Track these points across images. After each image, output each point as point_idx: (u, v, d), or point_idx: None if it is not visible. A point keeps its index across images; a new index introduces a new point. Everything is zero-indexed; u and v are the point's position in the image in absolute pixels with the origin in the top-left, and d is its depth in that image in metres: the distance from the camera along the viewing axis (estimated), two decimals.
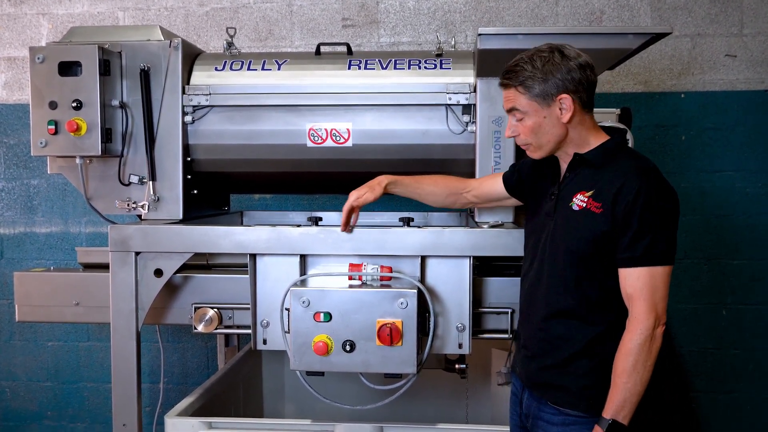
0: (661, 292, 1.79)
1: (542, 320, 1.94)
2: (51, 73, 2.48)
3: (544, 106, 1.87)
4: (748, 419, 3.70)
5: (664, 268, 1.79)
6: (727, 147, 3.61)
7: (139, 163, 2.62)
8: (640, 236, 1.77)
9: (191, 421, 2.40)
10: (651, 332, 1.77)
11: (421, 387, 3.35)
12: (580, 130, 1.90)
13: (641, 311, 1.78)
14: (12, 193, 3.97)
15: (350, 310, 2.19)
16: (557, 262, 1.91)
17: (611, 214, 1.79)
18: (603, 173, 1.87)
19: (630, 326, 1.79)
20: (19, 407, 4.05)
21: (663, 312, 1.80)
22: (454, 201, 2.38)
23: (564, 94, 1.84)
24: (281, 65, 2.70)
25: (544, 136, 1.91)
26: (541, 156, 1.97)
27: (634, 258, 1.78)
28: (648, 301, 1.77)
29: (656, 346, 1.78)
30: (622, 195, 1.78)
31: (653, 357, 1.78)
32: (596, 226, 1.82)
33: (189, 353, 3.98)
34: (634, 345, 1.77)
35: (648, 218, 1.76)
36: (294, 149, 2.66)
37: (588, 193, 1.86)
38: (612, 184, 1.81)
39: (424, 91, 2.59)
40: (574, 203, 1.89)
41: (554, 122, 1.88)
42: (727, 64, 3.61)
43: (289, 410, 3.57)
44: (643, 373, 1.77)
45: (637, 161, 1.86)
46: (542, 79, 1.85)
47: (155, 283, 2.44)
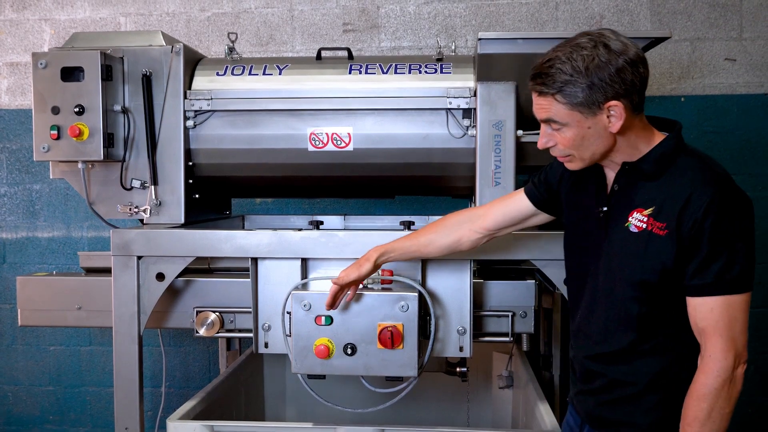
0: (740, 324, 1.51)
1: (598, 356, 1.72)
2: (53, 78, 2.50)
3: (588, 115, 1.55)
4: (750, 423, 3.70)
5: (743, 296, 1.52)
6: (727, 150, 3.62)
7: (141, 167, 2.64)
8: (712, 259, 1.50)
9: (193, 425, 2.40)
10: (730, 374, 1.50)
11: (423, 390, 3.35)
12: (630, 135, 1.60)
13: (718, 349, 1.50)
14: (14, 198, 3.98)
15: (351, 314, 2.19)
16: (615, 294, 1.65)
17: (677, 234, 1.52)
18: (662, 184, 1.58)
19: (704, 367, 1.52)
20: (21, 412, 4.05)
21: (744, 348, 1.53)
22: (457, 239, 2.03)
23: (614, 101, 1.53)
24: (282, 70, 2.72)
25: (588, 148, 1.61)
26: (581, 167, 1.68)
27: (706, 285, 1.51)
28: (725, 336, 1.50)
29: (736, 390, 1.52)
30: (688, 211, 1.51)
31: (732, 403, 1.52)
32: (662, 251, 1.54)
33: (191, 357, 3.99)
34: (710, 390, 1.50)
35: (721, 238, 1.49)
36: (295, 153, 2.67)
37: (647, 211, 1.59)
38: (675, 199, 1.53)
39: (425, 95, 2.61)
40: (631, 223, 1.61)
41: (600, 132, 1.58)
42: (727, 68, 3.62)
43: (290, 414, 3.57)
44: (720, 422, 1.51)
45: (703, 167, 1.56)
46: (586, 85, 1.52)
47: (157, 287, 2.45)
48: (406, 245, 2.08)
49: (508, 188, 2.52)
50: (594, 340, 1.73)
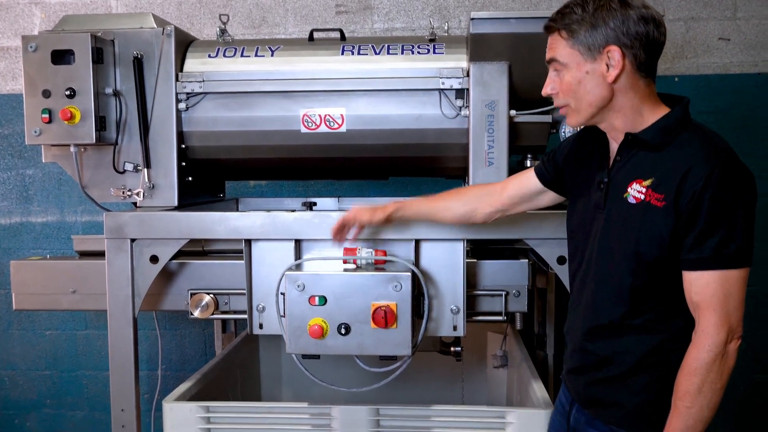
0: (735, 299, 1.50)
1: (589, 332, 1.71)
2: (44, 61, 2.48)
3: (588, 58, 1.57)
4: (741, 400, 3.73)
5: (740, 271, 1.50)
6: (721, 130, 3.49)
7: (134, 150, 2.63)
8: (710, 233, 1.48)
9: (189, 406, 2.41)
10: (722, 348, 1.49)
11: (417, 370, 3.37)
12: (632, 97, 1.59)
13: (711, 323, 1.49)
14: (7, 183, 3.97)
15: (345, 294, 2.21)
16: (610, 267, 1.65)
17: (675, 207, 1.50)
18: (663, 156, 1.56)
19: (697, 341, 1.51)
20: (18, 396, 4.07)
21: (738, 323, 1.51)
22: (472, 210, 2.09)
23: (613, 47, 1.54)
24: (274, 51, 2.70)
25: (584, 96, 1.61)
26: (578, 122, 1.68)
27: (703, 260, 1.50)
28: (719, 311, 1.49)
29: (729, 365, 1.51)
30: (687, 183, 1.48)
31: (725, 378, 1.51)
32: (659, 223, 1.53)
33: (186, 340, 4.00)
34: (702, 363, 1.49)
35: (719, 211, 1.47)
36: (288, 135, 2.67)
37: (646, 182, 1.56)
38: (675, 171, 1.51)
39: (418, 76, 2.60)
40: (629, 194, 1.59)
41: (598, 81, 1.58)
42: (721, 48, 3.62)
43: (286, 395, 3.60)
44: (711, 397, 1.50)
45: (706, 141, 1.54)
46: (591, 26, 1.55)
47: (151, 269, 2.45)
48: (423, 207, 2.19)
49: (501, 168, 2.52)
50: (586, 313, 1.72)
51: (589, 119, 1.67)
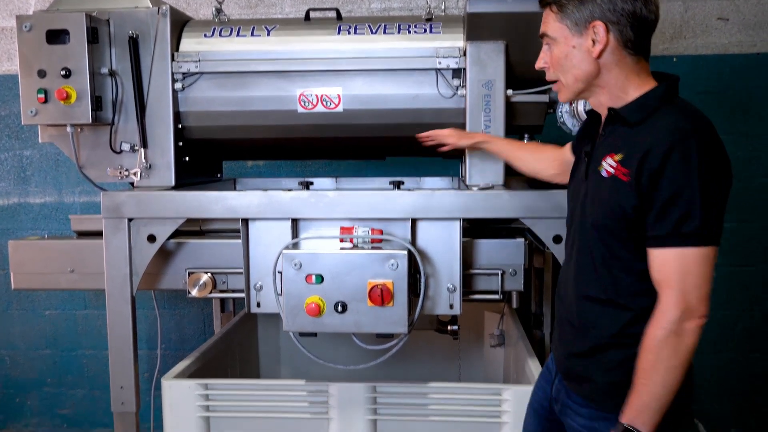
0: (694, 278, 1.47)
1: (571, 302, 1.73)
2: (39, 41, 2.48)
3: (575, 33, 1.61)
4: (735, 378, 3.77)
5: (700, 250, 1.47)
6: (719, 111, 3.62)
7: (131, 130, 2.63)
8: (669, 210, 1.47)
9: (187, 383, 2.44)
10: (677, 326, 1.48)
11: (415, 349, 3.41)
12: (618, 74, 1.61)
13: (667, 300, 1.49)
14: (5, 164, 3.97)
15: (342, 272, 2.22)
16: (585, 237, 1.67)
17: (637, 184, 1.50)
18: (636, 132, 1.56)
19: (653, 319, 1.51)
20: (19, 375, 4.10)
21: (699, 303, 1.48)
22: (543, 169, 2.23)
23: (598, 22, 1.57)
24: (270, 31, 2.69)
25: (570, 70, 1.64)
26: (567, 98, 1.71)
27: (661, 237, 1.49)
28: (676, 288, 1.48)
29: (686, 343, 1.48)
30: (648, 161, 1.48)
31: (681, 356, 1.49)
32: (623, 198, 1.53)
33: (186, 320, 4.03)
34: (656, 341, 1.49)
35: (679, 188, 1.46)
36: (284, 115, 2.67)
37: (617, 157, 1.57)
38: (641, 147, 1.51)
39: (414, 55, 2.59)
40: (603, 168, 1.61)
41: (584, 56, 1.61)
42: (720, 28, 3.60)
43: (285, 373, 3.63)
44: (666, 375, 1.50)
45: (677, 118, 1.53)
46: (579, 1, 1.59)
47: (148, 248, 2.46)
48: (506, 148, 2.36)
49: None
50: (569, 285, 1.75)
51: (578, 94, 1.70)
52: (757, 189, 3.65)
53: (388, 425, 2.39)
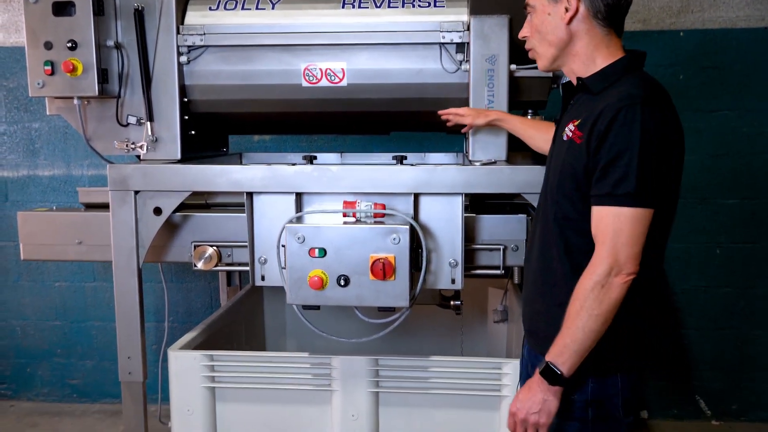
0: (625, 236, 1.57)
1: (534, 260, 1.83)
2: (45, 13, 2.49)
3: (551, 1, 1.71)
4: (736, 355, 3.79)
5: (633, 210, 1.56)
6: (725, 86, 3.60)
7: (137, 104, 2.65)
8: (608, 171, 1.56)
9: (193, 354, 2.48)
10: (604, 279, 1.57)
11: (417, 323, 3.44)
12: (587, 43, 1.71)
13: (598, 255, 1.59)
14: (14, 137, 4.00)
15: (344, 246, 2.24)
16: (546, 199, 1.78)
17: (587, 145, 1.61)
18: (595, 99, 1.67)
19: (586, 270, 1.61)
20: (29, 345, 4.17)
21: (627, 260, 1.57)
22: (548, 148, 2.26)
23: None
24: (275, 4, 2.69)
25: (545, 36, 1.74)
26: (545, 66, 1.81)
27: (600, 196, 1.59)
28: (607, 244, 1.58)
29: (610, 296, 1.58)
30: (597, 123, 1.58)
31: (604, 307, 1.58)
32: (575, 158, 1.64)
33: (193, 293, 4.08)
34: (583, 289, 1.59)
35: (619, 150, 1.55)
36: (289, 89, 2.68)
37: (577, 122, 1.67)
38: (595, 111, 1.61)
39: (418, 29, 2.59)
40: (565, 133, 1.71)
41: (557, 22, 1.71)
42: (727, 2, 3.57)
43: (290, 346, 3.68)
44: (587, 321, 1.59)
45: (631, 85, 1.62)
46: None
47: (155, 221, 2.49)
48: (519, 127, 2.41)
49: None
50: (532, 245, 1.87)
51: (552, 61, 1.79)
52: (761, 165, 3.64)
53: (390, 397, 2.43)
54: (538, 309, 1.82)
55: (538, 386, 1.68)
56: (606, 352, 1.67)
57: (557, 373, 1.64)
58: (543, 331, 1.78)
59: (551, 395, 1.67)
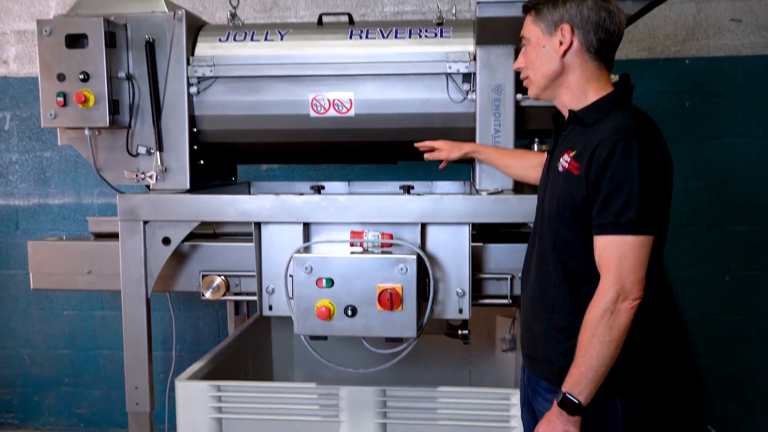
0: (630, 263, 1.62)
1: (532, 287, 1.87)
2: (58, 45, 2.53)
3: (546, 34, 1.79)
4: (748, 383, 3.75)
5: (636, 238, 1.62)
6: (731, 113, 3.61)
7: (147, 134, 2.67)
8: (610, 201, 1.62)
9: (200, 385, 2.48)
10: (612, 305, 1.62)
11: (425, 353, 3.42)
12: (579, 76, 1.79)
13: (605, 282, 1.64)
14: (25, 165, 4.04)
15: (351, 276, 2.24)
16: (543, 227, 1.82)
17: (586, 177, 1.66)
18: (590, 131, 1.73)
19: (594, 298, 1.66)
20: (38, 374, 4.17)
21: (633, 285, 1.63)
22: (526, 175, 2.37)
23: (566, 24, 1.76)
24: (284, 36, 2.73)
25: (539, 68, 1.82)
26: (535, 94, 1.88)
27: (602, 225, 1.64)
28: (613, 272, 1.63)
29: (620, 322, 1.62)
30: (596, 155, 1.64)
31: (615, 333, 1.63)
32: (574, 189, 1.69)
33: (200, 321, 4.08)
34: (593, 318, 1.64)
35: (619, 181, 1.61)
36: (297, 119, 2.70)
37: (572, 153, 1.73)
38: (592, 143, 1.67)
39: (425, 60, 2.61)
40: (559, 164, 1.78)
41: (551, 54, 1.78)
42: (732, 29, 3.59)
43: (298, 376, 3.66)
44: (601, 348, 1.63)
45: (624, 119, 1.69)
46: (552, 6, 1.78)
47: (163, 251, 2.50)
48: (493, 156, 2.47)
49: None
50: (531, 271, 1.90)
51: (543, 90, 1.86)
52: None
53: (398, 428, 2.41)
54: (536, 333, 1.85)
55: (558, 418, 1.70)
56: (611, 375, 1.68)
57: (575, 403, 1.66)
58: (542, 354, 1.82)
59: (571, 426, 1.69)
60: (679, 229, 3.64)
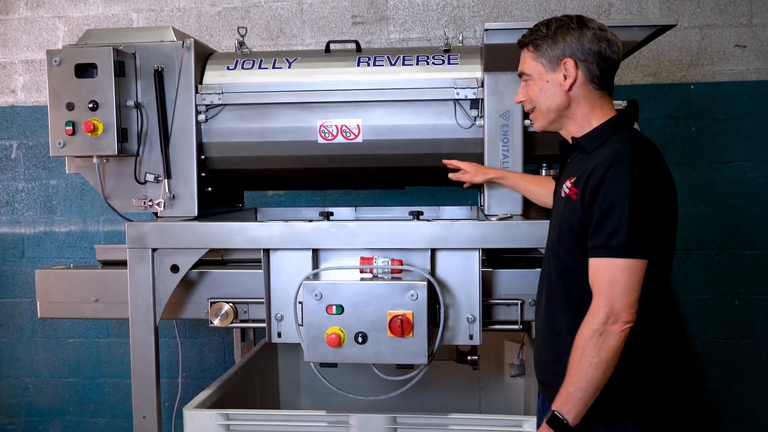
0: (620, 286, 1.63)
1: (542, 311, 1.89)
2: (68, 75, 2.55)
3: (548, 69, 1.81)
4: (760, 408, 3.71)
5: (627, 261, 1.63)
6: (737, 137, 3.61)
7: (155, 161, 2.68)
8: (601, 225, 1.64)
9: (209, 413, 2.45)
10: (602, 327, 1.63)
11: (434, 379, 3.39)
12: (584, 106, 1.81)
13: (595, 304, 1.65)
14: (32, 194, 4.05)
15: (362, 303, 2.23)
16: (549, 253, 1.86)
17: (581, 200, 1.69)
18: (590, 157, 1.76)
19: (584, 319, 1.67)
20: (42, 403, 4.14)
21: (624, 309, 1.63)
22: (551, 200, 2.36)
23: (569, 59, 1.78)
24: (292, 63, 2.75)
25: (544, 102, 1.83)
26: (542, 127, 1.90)
27: (595, 248, 1.66)
28: (603, 294, 1.64)
29: (608, 344, 1.62)
30: (590, 180, 1.67)
31: (603, 354, 1.62)
32: (572, 213, 1.72)
33: (206, 348, 4.05)
34: (582, 338, 1.65)
35: (610, 205, 1.63)
36: (305, 146, 2.71)
37: (573, 179, 1.76)
38: (588, 168, 1.70)
39: (433, 86, 2.63)
40: (562, 190, 1.81)
41: (556, 89, 1.81)
42: (737, 55, 3.61)
43: (305, 403, 3.63)
44: (588, 369, 1.63)
45: (621, 143, 1.72)
46: (551, 42, 1.79)
47: (172, 278, 2.49)
48: (519, 183, 2.47)
49: None
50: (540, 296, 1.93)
51: (550, 123, 1.88)
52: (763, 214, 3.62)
53: None
54: (546, 358, 1.87)
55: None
56: (612, 398, 1.70)
57: (563, 422, 1.67)
58: (552, 380, 1.81)
59: None
60: (688, 254, 3.62)
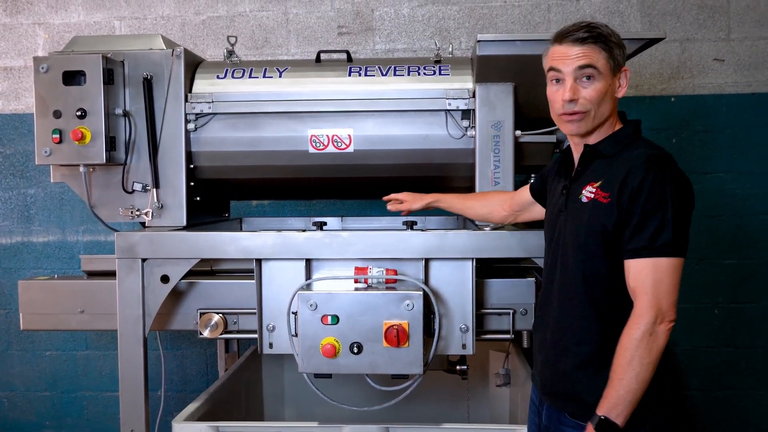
0: (665, 285, 1.66)
1: (555, 323, 1.85)
2: (55, 82, 2.51)
3: (613, 73, 1.78)
4: (740, 415, 3.76)
5: (671, 260, 1.66)
6: (717, 149, 3.69)
7: (143, 170, 2.65)
8: (643, 225, 1.66)
9: (199, 426, 2.41)
10: (651, 327, 1.64)
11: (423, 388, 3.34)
12: (613, 112, 1.83)
13: (642, 305, 1.66)
14: (8, 203, 3.96)
15: (357, 313, 2.22)
16: (567, 260, 1.81)
17: (617, 203, 1.69)
18: (613, 162, 1.77)
19: (630, 321, 1.68)
20: (17, 418, 4.03)
21: (669, 308, 1.66)
22: (489, 212, 2.42)
23: (626, 67, 1.80)
24: (282, 72, 2.74)
25: (602, 106, 1.78)
26: (586, 129, 1.81)
27: (637, 249, 1.67)
28: (650, 294, 1.65)
29: (658, 344, 1.65)
30: (628, 182, 1.68)
31: (653, 355, 1.65)
32: (603, 217, 1.72)
33: (188, 360, 3.99)
34: (632, 340, 1.65)
35: (652, 206, 1.65)
36: (296, 155, 2.70)
37: (597, 184, 1.76)
38: (619, 173, 1.71)
39: (424, 96, 2.64)
40: (583, 195, 1.79)
41: (611, 95, 1.79)
42: (716, 69, 3.69)
43: (289, 414, 3.59)
44: (641, 370, 1.64)
45: (648, 150, 1.74)
46: (618, 45, 1.78)
47: (162, 289, 2.46)
48: (455, 202, 2.50)
49: (507, 188, 2.57)
50: (552, 308, 1.88)
51: (595, 128, 1.83)
52: (758, 226, 3.69)
53: None
54: (562, 370, 1.82)
55: None
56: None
57: (614, 425, 1.66)
58: (571, 392, 1.79)
59: None
60: None
